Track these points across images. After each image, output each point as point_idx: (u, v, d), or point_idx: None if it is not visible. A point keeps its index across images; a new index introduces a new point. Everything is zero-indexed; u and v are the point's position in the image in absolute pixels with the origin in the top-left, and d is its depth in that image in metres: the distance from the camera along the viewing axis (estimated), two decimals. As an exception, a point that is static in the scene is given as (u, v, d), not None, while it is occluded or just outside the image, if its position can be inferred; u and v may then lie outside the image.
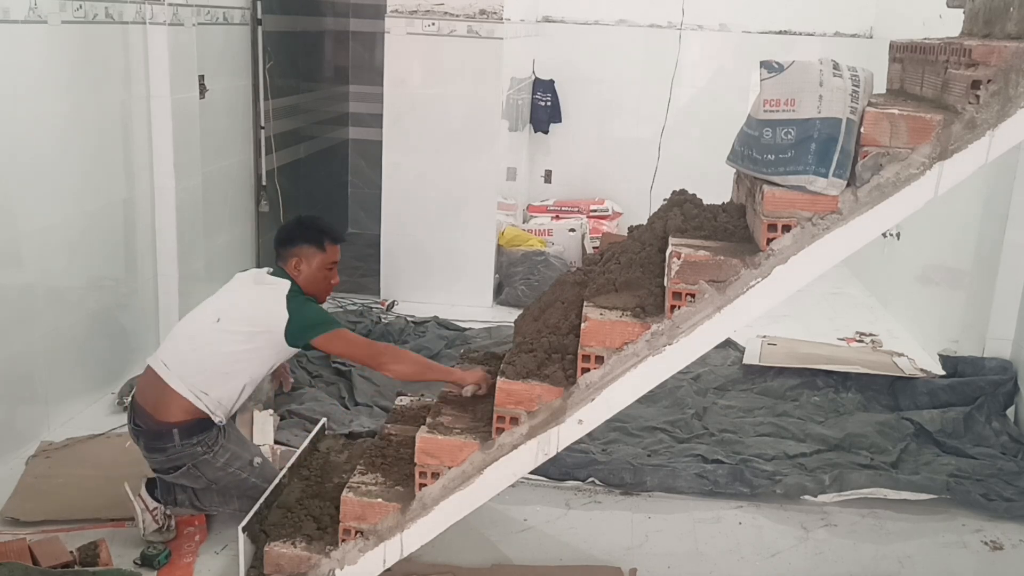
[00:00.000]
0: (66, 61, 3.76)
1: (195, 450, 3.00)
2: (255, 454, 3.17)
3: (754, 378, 4.56)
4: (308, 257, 3.12)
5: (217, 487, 3.10)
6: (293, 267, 3.12)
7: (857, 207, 2.35)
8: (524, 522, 3.34)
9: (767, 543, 3.30)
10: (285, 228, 3.23)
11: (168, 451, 3.00)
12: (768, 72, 2.43)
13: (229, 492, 3.13)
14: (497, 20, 5.33)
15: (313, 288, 3.15)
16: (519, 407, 2.57)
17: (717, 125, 4.41)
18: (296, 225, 3.22)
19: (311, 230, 3.16)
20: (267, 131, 5.56)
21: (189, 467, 3.02)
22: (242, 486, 3.10)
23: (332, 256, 3.16)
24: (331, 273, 3.18)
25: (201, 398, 2.97)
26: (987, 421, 4.01)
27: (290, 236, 3.17)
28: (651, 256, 2.72)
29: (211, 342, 3.01)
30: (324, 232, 3.16)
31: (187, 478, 3.05)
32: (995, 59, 2.26)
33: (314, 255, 3.13)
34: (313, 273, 3.13)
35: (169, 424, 2.97)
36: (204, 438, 3.01)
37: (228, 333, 3.00)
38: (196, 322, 3.10)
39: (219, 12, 4.94)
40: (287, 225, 3.25)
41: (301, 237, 3.14)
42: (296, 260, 3.12)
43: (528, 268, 5.75)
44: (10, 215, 3.51)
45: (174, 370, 2.99)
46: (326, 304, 3.36)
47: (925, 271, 5.34)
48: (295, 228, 3.20)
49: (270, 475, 3.10)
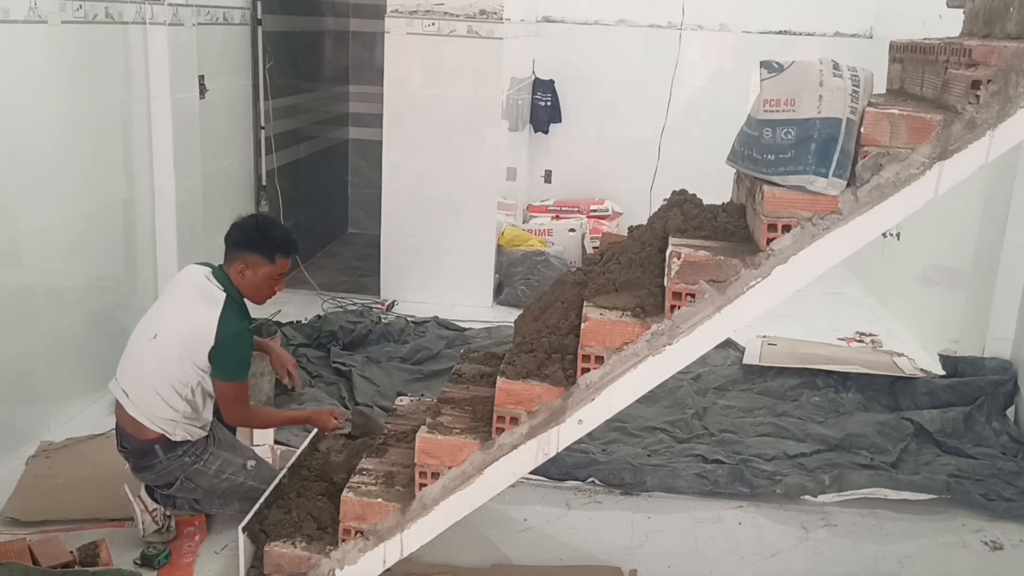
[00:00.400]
0: (66, 61, 3.76)
1: (183, 461, 3.00)
2: (248, 457, 3.16)
3: (754, 378, 4.56)
4: (255, 265, 3.02)
5: (216, 493, 3.11)
6: (238, 271, 3.02)
7: (857, 207, 2.35)
8: (524, 522, 3.34)
9: (767, 543, 3.30)
10: (238, 228, 3.08)
11: (155, 468, 3.00)
12: (768, 72, 2.43)
13: (228, 495, 3.13)
14: (497, 20, 5.33)
15: (254, 295, 3.08)
16: (519, 407, 2.56)
17: (717, 125, 4.41)
18: (251, 229, 3.07)
19: (264, 239, 3.03)
20: (267, 131, 5.57)
21: (182, 480, 3.02)
22: (240, 490, 3.10)
23: (280, 268, 3.06)
24: (276, 283, 3.09)
25: (166, 426, 2.95)
26: (987, 421, 4.01)
27: (242, 240, 3.05)
28: (651, 256, 2.72)
29: (153, 362, 2.96)
30: (277, 245, 3.04)
31: (183, 491, 3.05)
32: (995, 59, 2.26)
33: (261, 265, 3.02)
34: (258, 282, 3.04)
35: (150, 441, 2.97)
36: (190, 448, 3.00)
37: (164, 351, 2.95)
38: (138, 341, 3.04)
39: (219, 12, 4.94)
40: (241, 225, 3.10)
41: (252, 245, 3.03)
42: (243, 266, 3.02)
43: (528, 268, 5.75)
44: (10, 215, 3.51)
45: (133, 400, 2.98)
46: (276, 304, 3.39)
47: (925, 271, 5.34)
48: (248, 232, 3.06)
49: (268, 476, 3.09)
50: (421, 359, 4.69)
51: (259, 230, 3.07)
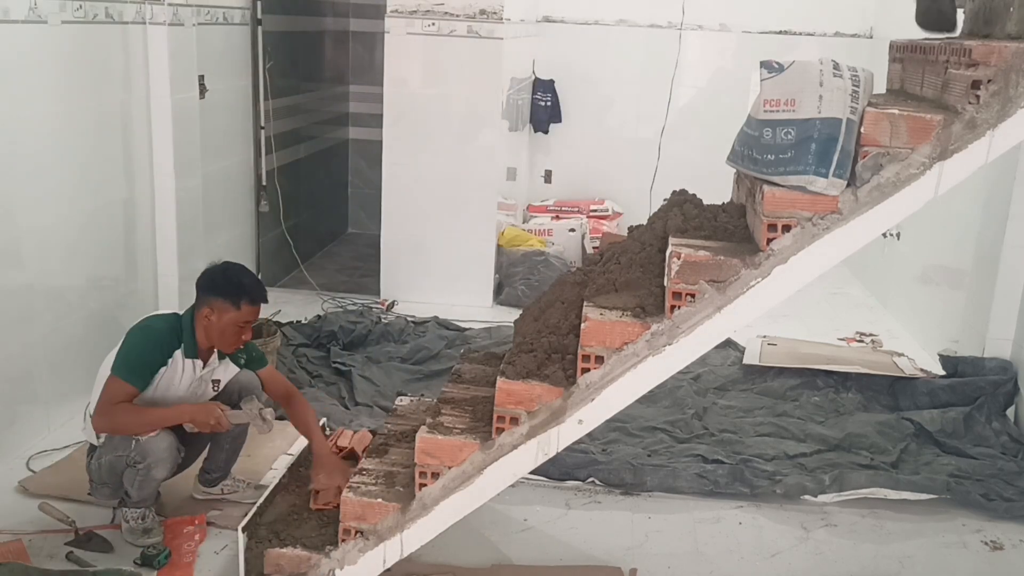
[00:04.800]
0: (66, 61, 3.76)
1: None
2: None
3: (754, 378, 4.56)
4: (220, 311, 3.00)
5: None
6: (204, 316, 3.02)
7: (857, 207, 2.35)
8: (524, 522, 3.34)
9: (767, 543, 3.30)
10: (206, 273, 3.10)
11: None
12: (768, 72, 2.43)
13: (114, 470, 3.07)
14: (497, 20, 5.33)
15: (220, 340, 3.05)
16: (519, 407, 2.56)
17: (717, 125, 4.40)
18: (219, 274, 3.08)
19: (230, 285, 3.02)
20: (267, 131, 5.57)
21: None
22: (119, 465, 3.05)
23: (246, 316, 3.03)
24: (243, 330, 3.05)
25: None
26: (987, 421, 4.01)
27: (209, 284, 3.05)
28: (651, 256, 2.72)
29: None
30: (244, 292, 3.01)
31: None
32: (995, 59, 2.26)
33: (227, 311, 3.00)
34: (223, 328, 3.01)
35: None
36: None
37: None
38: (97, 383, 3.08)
39: (219, 12, 4.94)
40: (210, 270, 3.11)
41: (218, 290, 3.02)
42: (208, 310, 3.01)
43: (528, 268, 5.75)
44: (10, 215, 3.51)
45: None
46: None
47: (925, 271, 5.34)
48: (216, 277, 3.07)
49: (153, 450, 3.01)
50: (421, 359, 4.69)
51: (227, 275, 3.07)
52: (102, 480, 3.08)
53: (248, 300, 3.02)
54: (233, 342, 3.06)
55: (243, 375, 3.23)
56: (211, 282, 3.05)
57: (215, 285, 3.04)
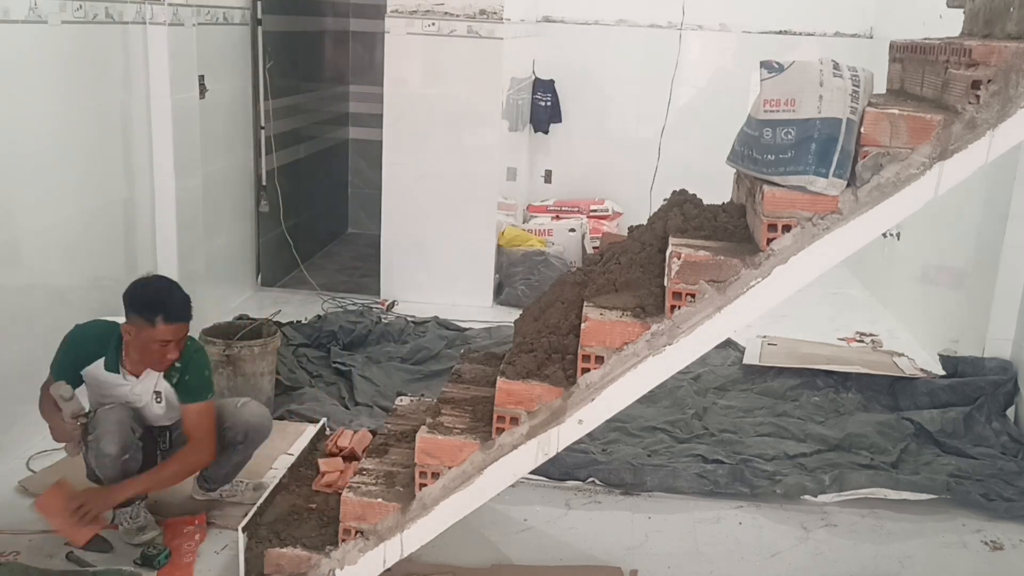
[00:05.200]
0: (66, 61, 3.76)
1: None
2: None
3: (754, 378, 4.56)
4: (138, 328, 2.90)
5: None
6: (126, 332, 2.95)
7: (857, 207, 2.35)
8: (524, 522, 3.34)
9: (767, 543, 3.30)
10: (129, 288, 2.99)
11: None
12: (768, 72, 2.43)
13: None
14: (497, 20, 5.33)
15: (142, 357, 2.97)
16: (519, 407, 2.56)
17: (717, 125, 4.40)
18: (139, 289, 2.98)
19: (147, 302, 2.91)
20: (267, 131, 5.56)
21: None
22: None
23: (163, 334, 2.89)
24: (165, 348, 2.92)
25: None
26: (987, 421, 4.01)
27: (128, 299, 2.95)
28: (651, 256, 2.72)
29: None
30: (159, 309, 2.88)
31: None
32: (995, 59, 2.26)
33: (143, 328, 2.89)
34: (141, 344, 2.92)
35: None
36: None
37: None
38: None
39: (219, 12, 4.94)
40: (133, 285, 3.01)
41: (135, 306, 2.92)
42: (128, 326, 2.93)
43: (528, 268, 5.75)
44: (10, 215, 3.50)
45: None
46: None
47: (925, 271, 5.34)
48: (135, 293, 2.97)
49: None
50: (421, 359, 4.69)
51: (145, 292, 2.97)
52: (89, 470, 3.08)
53: (163, 318, 2.88)
54: (157, 360, 2.96)
55: (252, 417, 3.18)
56: (131, 297, 2.96)
57: (133, 301, 2.94)
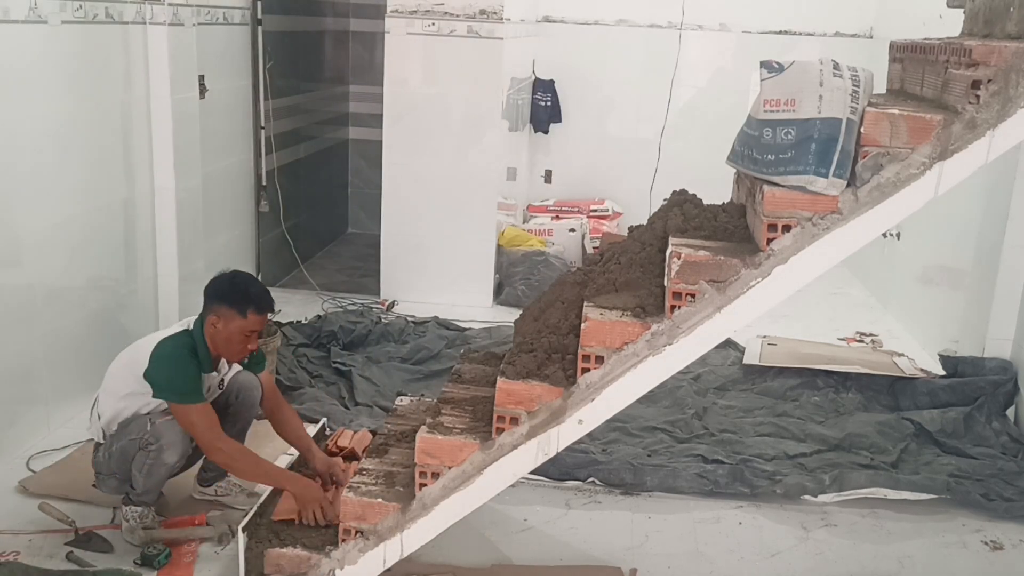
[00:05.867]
0: (66, 61, 3.76)
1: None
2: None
3: (754, 378, 4.56)
4: (227, 319, 2.99)
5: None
6: (211, 324, 3.01)
7: (857, 207, 2.35)
8: (524, 522, 3.34)
9: (767, 543, 3.30)
10: (214, 282, 3.09)
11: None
12: (768, 72, 2.43)
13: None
14: (497, 20, 5.33)
15: (226, 351, 3.05)
16: (519, 407, 2.57)
17: (717, 125, 4.40)
18: (226, 282, 3.07)
19: (237, 293, 3.02)
20: (267, 131, 5.56)
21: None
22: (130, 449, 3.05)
23: (252, 325, 3.02)
24: (249, 339, 3.04)
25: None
26: (987, 421, 4.01)
27: (215, 292, 3.05)
28: (651, 256, 2.72)
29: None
30: (250, 300, 3.01)
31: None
32: (995, 59, 2.26)
33: (233, 319, 2.99)
34: (228, 336, 3.01)
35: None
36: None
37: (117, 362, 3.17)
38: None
39: (219, 12, 4.94)
40: (218, 279, 3.10)
41: (224, 298, 3.01)
42: (215, 318, 3.00)
43: (528, 268, 5.75)
44: (10, 215, 3.50)
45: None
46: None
47: (925, 271, 5.34)
48: (223, 285, 3.06)
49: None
50: (421, 359, 4.69)
51: (234, 283, 3.07)
52: (111, 470, 3.07)
53: (255, 309, 3.01)
54: (239, 351, 3.06)
55: (243, 376, 3.24)
56: (218, 290, 3.06)
57: (222, 293, 3.04)
